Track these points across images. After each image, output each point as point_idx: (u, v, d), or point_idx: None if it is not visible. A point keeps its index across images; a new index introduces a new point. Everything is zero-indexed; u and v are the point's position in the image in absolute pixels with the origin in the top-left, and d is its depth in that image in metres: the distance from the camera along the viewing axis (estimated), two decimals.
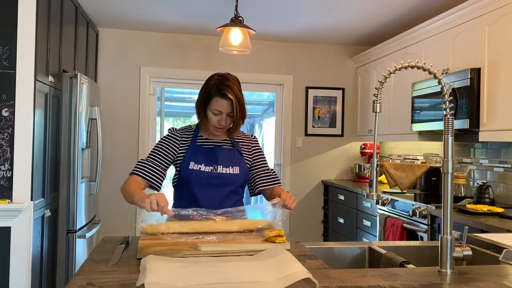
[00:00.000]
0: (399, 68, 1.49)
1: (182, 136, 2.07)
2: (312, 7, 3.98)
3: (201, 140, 2.07)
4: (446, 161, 1.39)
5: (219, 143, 2.07)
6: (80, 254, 3.66)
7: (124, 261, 1.47)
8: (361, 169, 5.02)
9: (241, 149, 2.08)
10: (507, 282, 1.29)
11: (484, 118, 3.04)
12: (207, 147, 2.05)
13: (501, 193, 3.31)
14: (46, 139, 3.18)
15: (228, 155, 2.04)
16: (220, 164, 2.00)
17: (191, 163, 2.00)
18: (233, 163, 2.03)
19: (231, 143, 2.08)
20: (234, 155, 2.05)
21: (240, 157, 2.06)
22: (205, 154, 2.02)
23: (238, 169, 2.03)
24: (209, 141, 2.07)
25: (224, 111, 1.95)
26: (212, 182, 1.99)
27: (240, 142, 2.11)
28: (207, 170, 1.99)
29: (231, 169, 2.02)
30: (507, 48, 2.87)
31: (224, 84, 1.95)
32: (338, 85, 5.38)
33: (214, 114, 1.97)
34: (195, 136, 2.06)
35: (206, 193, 1.98)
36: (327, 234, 5.21)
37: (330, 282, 1.26)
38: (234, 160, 2.04)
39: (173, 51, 5.00)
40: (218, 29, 3.55)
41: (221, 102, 1.94)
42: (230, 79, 1.99)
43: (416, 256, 1.87)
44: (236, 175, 2.02)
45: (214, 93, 1.95)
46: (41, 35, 2.99)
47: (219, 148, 2.05)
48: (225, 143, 2.08)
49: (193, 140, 2.05)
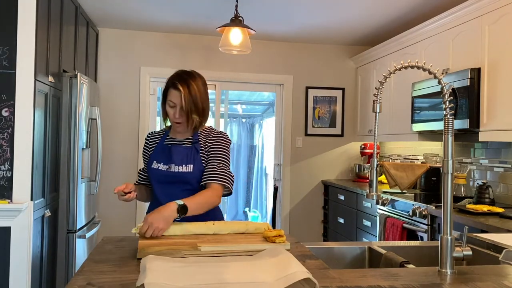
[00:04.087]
0: (399, 68, 1.49)
1: (153, 138, 2.17)
2: (312, 7, 3.98)
3: (168, 139, 2.12)
4: (446, 161, 1.39)
5: (179, 141, 2.09)
6: (80, 254, 3.66)
7: (124, 261, 1.47)
8: (361, 169, 5.02)
9: (199, 146, 2.06)
10: (507, 282, 1.29)
11: (484, 118, 3.04)
12: (169, 146, 2.09)
13: (501, 193, 3.31)
14: (46, 139, 3.18)
15: (184, 153, 2.05)
16: (174, 162, 2.03)
17: (154, 162, 2.08)
18: (187, 161, 2.03)
19: (191, 142, 2.08)
20: (190, 153, 2.05)
21: (196, 155, 2.04)
22: (165, 153, 2.07)
23: (192, 167, 2.02)
24: (172, 140, 2.11)
25: (177, 103, 1.98)
26: (169, 180, 2.03)
27: (200, 140, 2.08)
28: (164, 168, 2.04)
29: (184, 167, 2.02)
30: (507, 48, 2.87)
31: (179, 77, 2.01)
32: (338, 85, 5.38)
33: (170, 107, 2.01)
34: (164, 137, 2.13)
35: (164, 190, 2.03)
36: (327, 234, 5.21)
37: (330, 282, 1.26)
38: (188, 159, 2.03)
39: (173, 51, 5.00)
40: (218, 29, 3.55)
41: (174, 94, 1.98)
42: (190, 73, 2.05)
43: (416, 256, 1.87)
44: (189, 173, 2.01)
45: (169, 85, 2.02)
46: (41, 35, 2.99)
47: (177, 146, 2.07)
48: (185, 142, 2.09)
49: (161, 140, 2.13)
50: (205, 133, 2.10)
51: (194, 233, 1.73)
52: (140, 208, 4.89)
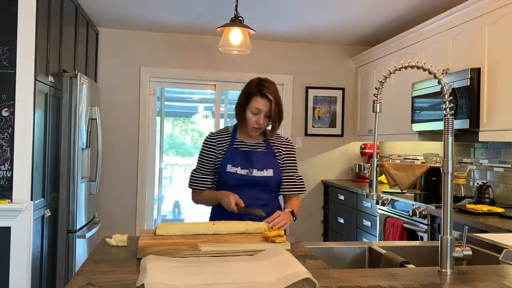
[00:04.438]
0: (399, 68, 1.49)
1: (219, 140, 2.20)
2: (312, 7, 3.98)
3: (238, 143, 2.18)
4: (446, 161, 1.39)
5: (254, 146, 2.17)
6: (80, 254, 3.66)
7: (124, 261, 1.47)
8: (361, 169, 5.02)
9: (274, 151, 2.17)
10: (507, 282, 1.29)
11: (484, 118, 3.04)
12: (243, 150, 2.15)
13: (501, 193, 3.31)
14: (46, 139, 3.18)
15: (262, 158, 2.14)
16: (254, 167, 2.12)
17: (228, 166, 2.12)
18: (267, 165, 2.13)
19: (265, 146, 2.17)
20: (269, 157, 2.15)
21: (274, 160, 2.16)
22: (241, 157, 2.13)
23: (272, 171, 2.13)
24: (244, 144, 2.17)
25: (263, 110, 2.06)
26: (248, 183, 2.11)
27: (274, 145, 2.19)
28: (243, 173, 2.11)
29: (266, 171, 2.12)
30: (507, 48, 2.87)
31: (264, 85, 2.09)
32: (338, 85, 5.38)
33: (253, 114, 2.08)
34: (233, 139, 2.18)
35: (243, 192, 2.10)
36: (327, 234, 5.21)
37: (330, 282, 1.26)
38: (268, 163, 2.13)
39: (173, 51, 5.00)
40: (218, 29, 3.54)
41: (261, 101, 2.06)
42: (269, 81, 2.13)
43: (416, 256, 1.87)
44: (270, 177, 2.13)
45: (254, 93, 2.08)
46: (41, 35, 2.99)
47: (254, 151, 2.15)
48: (259, 146, 2.17)
49: (230, 143, 2.17)
50: (276, 139, 2.22)
51: (194, 233, 1.73)
52: (140, 208, 4.89)
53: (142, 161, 4.92)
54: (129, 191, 4.87)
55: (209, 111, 6.83)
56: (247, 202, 2.06)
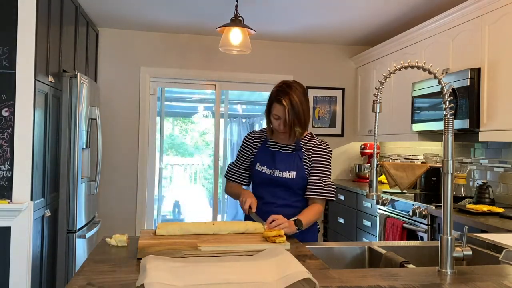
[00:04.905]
0: (399, 68, 1.49)
1: (256, 138, 2.27)
2: (312, 7, 3.98)
3: (270, 143, 2.21)
4: (446, 161, 1.39)
5: (283, 147, 2.18)
6: (80, 254, 3.66)
7: (124, 261, 1.47)
8: (361, 169, 5.02)
9: (302, 154, 2.16)
10: (507, 282, 1.29)
11: (484, 118, 3.04)
12: (273, 150, 2.19)
13: (501, 193, 3.31)
14: (46, 139, 3.18)
15: (287, 159, 2.15)
16: (277, 168, 2.14)
17: (257, 164, 2.19)
18: (291, 168, 2.13)
19: (294, 148, 2.17)
20: (293, 160, 2.14)
21: (299, 162, 2.14)
22: (269, 157, 2.17)
23: (295, 174, 2.13)
24: (275, 145, 2.20)
25: (281, 116, 2.08)
26: (272, 183, 2.14)
27: (304, 147, 2.18)
28: (267, 172, 2.15)
29: (288, 173, 2.13)
30: (507, 48, 2.87)
31: (283, 91, 2.08)
32: (338, 85, 5.38)
33: (274, 119, 2.11)
34: (267, 139, 2.23)
35: (268, 192, 2.15)
36: (327, 234, 5.21)
37: (330, 282, 1.26)
38: (292, 166, 2.13)
39: (173, 51, 5.00)
40: (218, 29, 3.55)
41: (278, 108, 2.08)
42: (291, 86, 2.11)
43: (416, 256, 1.87)
44: (291, 179, 2.13)
45: (273, 99, 2.11)
46: (41, 35, 2.99)
47: (281, 152, 2.17)
48: (288, 148, 2.18)
49: (264, 142, 2.23)
50: (308, 140, 2.20)
51: (194, 233, 1.73)
52: (140, 208, 4.89)
53: (142, 161, 4.92)
54: (129, 191, 4.87)
55: (209, 111, 6.84)
56: (269, 200, 2.12)
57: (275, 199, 2.14)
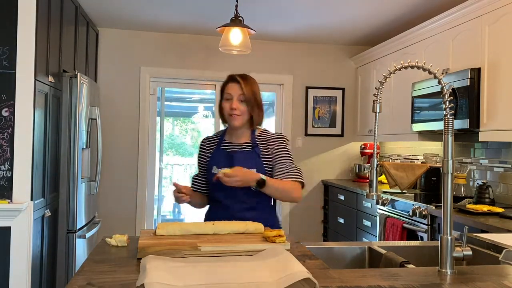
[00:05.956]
0: (399, 68, 1.49)
1: (209, 143, 2.21)
2: (312, 7, 3.98)
3: (224, 144, 2.15)
4: (446, 161, 1.39)
5: (240, 146, 2.13)
6: (80, 254, 3.66)
7: (124, 261, 1.47)
8: (361, 169, 5.02)
9: (260, 150, 2.11)
10: (507, 282, 1.29)
11: (484, 118, 3.04)
12: (228, 151, 2.12)
13: (501, 193, 3.31)
14: (46, 139, 3.18)
15: (245, 158, 2.09)
16: None
17: (214, 168, 2.10)
18: (250, 165, 2.06)
19: (251, 145, 2.12)
20: (252, 158, 2.09)
21: (258, 159, 2.09)
22: (225, 158, 2.10)
23: (255, 171, 2.05)
24: (230, 145, 2.14)
25: (234, 94, 2.06)
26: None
27: (260, 144, 2.13)
28: None
29: None
30: (507, 48, 2.87)
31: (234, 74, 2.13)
32: (338, 85, 5.38)
33: (226, 100, 2.07)
34: (220, 141, 2.17)
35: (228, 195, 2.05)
36: (327, 234, 5.21)
37: (330, 282, 1.26)
38: (251, 163, 2.07)
39: (173, 51, 5.00)
40: (218, 29, 3.54)
41: (231, 86, 2.08)
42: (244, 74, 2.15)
43: (416, 256, 1.87)
44: None
45: (225, 82, 2.12)
46: (41, 35, 2.99)
47: (237, 151, 2.11)
48: (245, 146, 2.12)
49: (218, 144, 2.17)
50: (262, 136, 2.15)
51: (194, 233, 1.73)
52: (140, 208, 4.89)
53: (142, 161, 4.92)
54: (129, 191, 4.87)
55: (209, 111, 6.84)
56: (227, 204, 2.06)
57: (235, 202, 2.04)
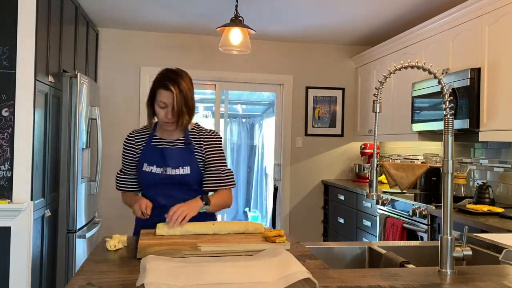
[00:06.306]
0: (399, 68, 1.49)
1: (138, 138, 2.09)
2: (312, 7, 3.98)
3: (156, 140, 2.06)
4: (446, 161, 1.39)
5: (171, 143, 2.04)
6: (80, 254, 3.66)
7: (124, 261, 1.47)
8: (361, 169, 5.02)
9: (193, 147, 2.03)
10: (507, 282, 1.29)
11: (484, 118, 3.04)
12: (160, 147, 2.03)
13: (501, 193, 3.31)
14: (46, 139, 3.18)
15: (178, 155, 2.01)
16: (169, 165, 1.98)
17: (145, 165, 2.01)
18: (183, 163, 1.99)
19: (183, 142, 2.04)
20: (185, 155, 2.01)
21: (192, 156, 2.01)
22: (157, 155, 2.01)
23: (189, 169, 1.99)
24: (162, 141, 2.05)
25: (169, 103, 1.94)
26: (165, 182, 1.99)
27: (193, 140, 2.05)
28: (158, 171, 1.99)
29: (181, 169, 1.99)
30: (507, 48, 2.87)
31: (167, 77, 1.96)
32: (338, 85, 5.38)
33: (160, 107, 1.96)
34: (151, 137, 2.06)
35: (161, 191, 1.99)
36: (327, 234, 5.21)
37: (330, 282, 1.26)
38: (184, 161, 2.00)
39: (173, 51, 5.00)
40: (218, 29, 3.54)
41: (164, 94, 1.93)
42: (176, 72, 2.00)
43: (416, 256, 1.87)
44: (187, 175, 1.99)
45: (157, 86, 1.96)
46: (41, 35, 2.99)
47: (170, 148, 2.02)
48: (177, 143, 2.04)
49: (148, 141, 2.06)
50: (196, 132, 2.07)
51: (194, 233, 1.73)
52: None
53: None
54: None
55: (209, 111, 6.83)
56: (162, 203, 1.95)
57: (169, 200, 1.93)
